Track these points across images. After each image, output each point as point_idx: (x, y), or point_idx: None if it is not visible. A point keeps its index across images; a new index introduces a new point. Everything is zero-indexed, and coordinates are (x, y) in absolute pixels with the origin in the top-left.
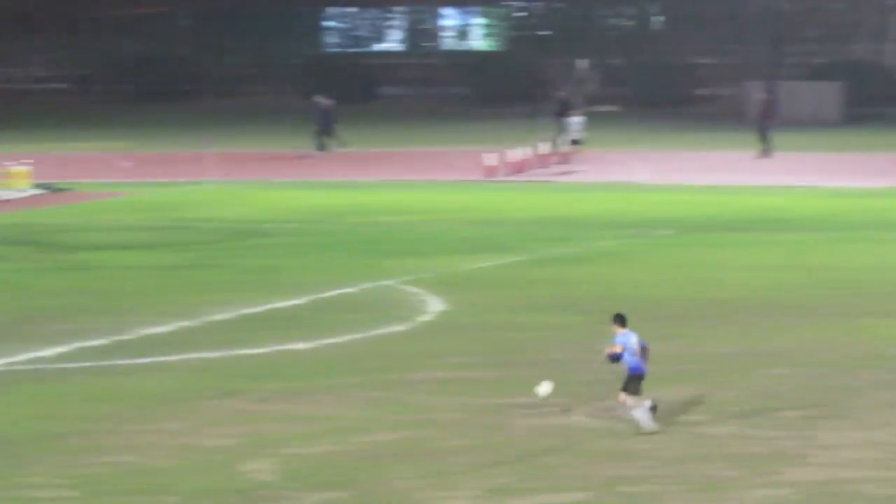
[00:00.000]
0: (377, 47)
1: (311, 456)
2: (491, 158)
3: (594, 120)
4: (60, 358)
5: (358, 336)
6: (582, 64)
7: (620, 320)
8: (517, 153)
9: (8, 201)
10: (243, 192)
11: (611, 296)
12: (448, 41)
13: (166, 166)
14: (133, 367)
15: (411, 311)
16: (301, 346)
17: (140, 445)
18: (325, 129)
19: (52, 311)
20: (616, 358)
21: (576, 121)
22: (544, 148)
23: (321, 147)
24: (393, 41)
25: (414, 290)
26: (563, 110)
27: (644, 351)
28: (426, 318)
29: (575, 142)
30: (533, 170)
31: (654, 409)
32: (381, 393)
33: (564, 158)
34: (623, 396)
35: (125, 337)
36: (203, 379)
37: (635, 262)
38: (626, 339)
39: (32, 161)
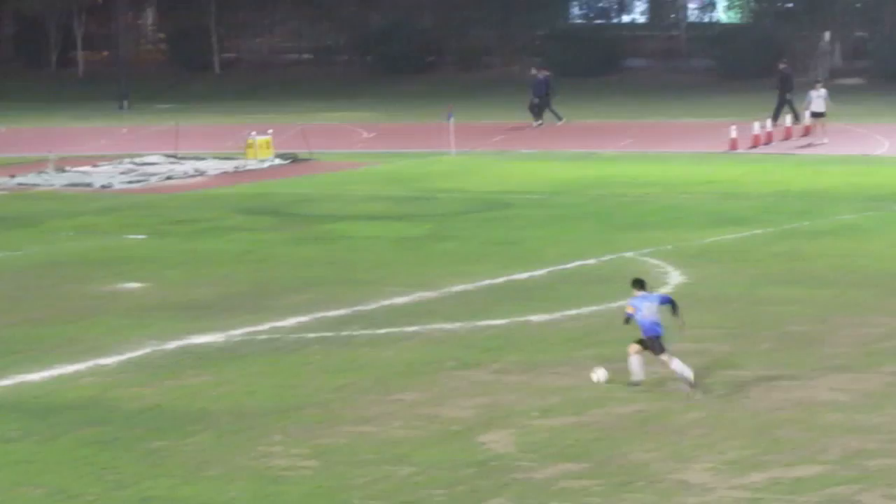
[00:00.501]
0: (621, 19)
1: (548, 428)
2: (734, 131)
3: (837, 93)
4: (299, 328)
5: (597, 308)
6: (824, 37)
7: (639, 284)
8: (760, 126)
9: (251, 171)
10: (485, 164)
11: (850, 269)
12: (692, 13)
13: (407, 138)
14: (372, 337)
15: (651, 283)
16: (540, 317)
17: (378, 416)
18: (543, 101)
19: (292, 281)
20: (627, 320)
21: (818, 94)
22: (787, 121)
23: (538, 119)
24: (637, 13)
25: (654, 262)
26: (785, 84)
27: (673, 307)
28: (666, 290)
29: (816, 114)
30: (776, 143)
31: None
32: (619, 365)
33: (807, 132)
34: (665, 357)
35: (364, 307)
36: (442, 350)
37: (875, 235)
38: (638, 303)
39: (274, 131)
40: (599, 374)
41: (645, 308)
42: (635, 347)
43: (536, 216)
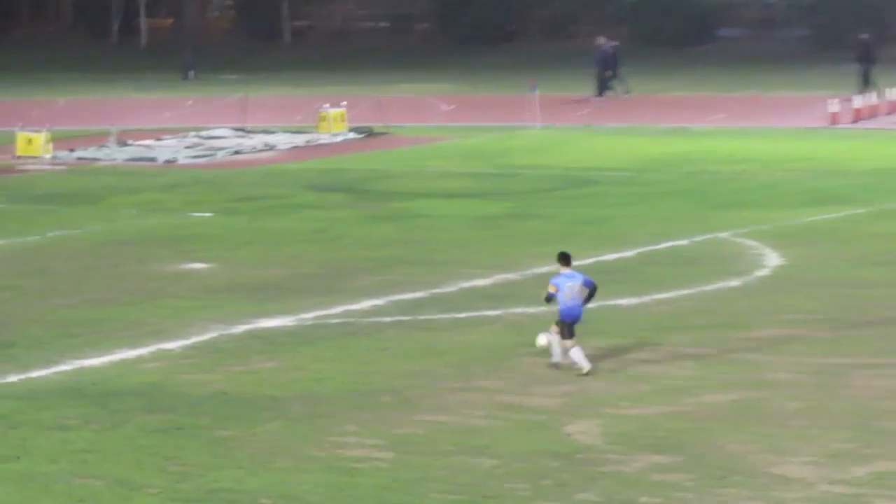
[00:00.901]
0: None
1: (638, 417)
2: (834, 105)
3: None
4: (374, 312)
5: (689, 291)
6: None
7: (564, 259)
8: (862, 100)
9: (323, 146)
10: (569, 138)
11: None
12: None
13: (489, 111)
14: (450, 321)
15: (747, 265)
16: (629, 301)
17: (456, 404)
18: (613, 72)
19: (366, 262)
20: (548, 299)
21: None
22: (892, 95)
23: (601, 91)
24: None
25: (750, 242)
26: (867, 54)
27: (591, 293)
28: (762, 272)
29: None
30: (879, 117)
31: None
32: (713, 352)
33: None
34: (569, 343)
35: (442, 290)
36: (525, 335)
37: None
38: (560, 281)
39: (348, 104)
40: (542, 340)
41: (567, 288)
42: (570, 342)
43: (625, 194)
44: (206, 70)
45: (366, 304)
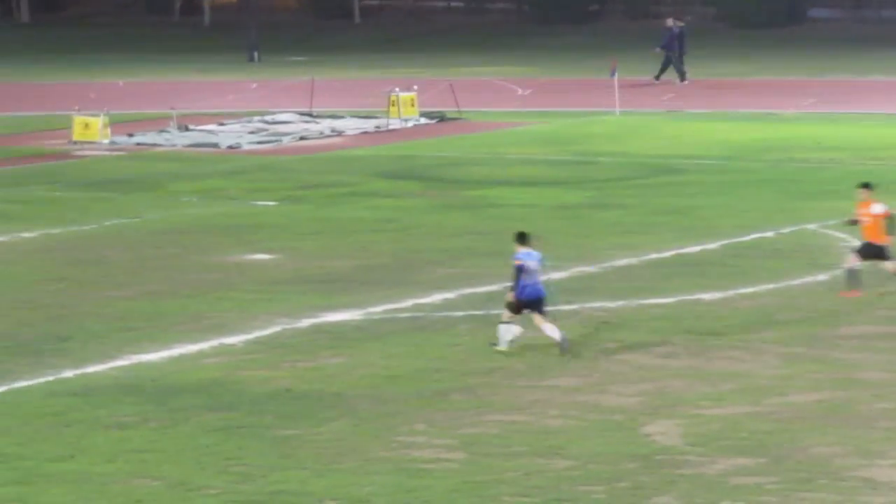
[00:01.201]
0: None
1: (720, 418)
2: None
3: None
4: (445, 305)
5: (775, 286)
6: None
7: (521, 239)
8: None
9: (393, 131)
10: (652, 125)
11: None
12: None
13: (567, 95)
14: (524, 316)
15: (836, 258)
16: (712, 295)
17: (530, 403)
18: (679, 53)
19: (437, 253)
20: (520, 269)
21: None
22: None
23: (682, 76)
24: None
25: (839, 235)
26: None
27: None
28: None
29: None
30: None
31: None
32: (800, 349)
33: None
34: (511, 319)
35: None
36: (602, 330)
37: None
38: (523, 257)
39: (419, 87)
40: (513, 331)
41: (528, 265)
42: (537, 318)
43: (709, 183)
44: (272, 51)
45: (437, 297)
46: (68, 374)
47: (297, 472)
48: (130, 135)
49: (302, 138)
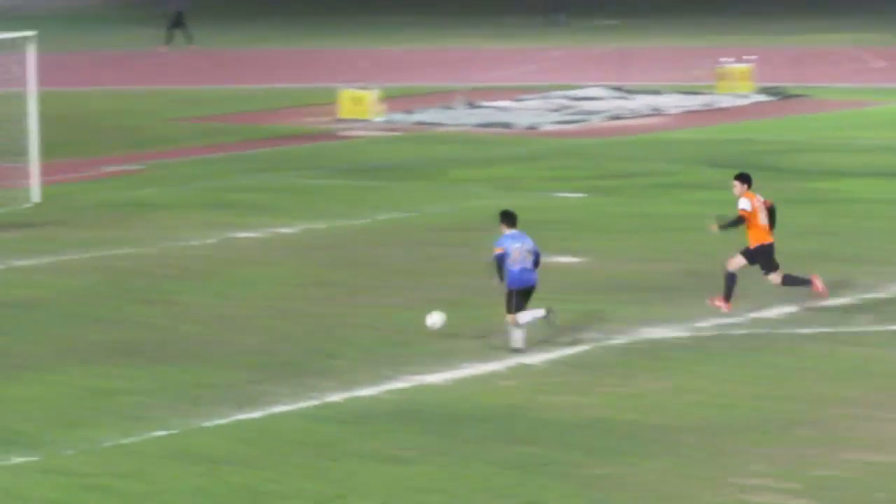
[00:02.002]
0: None
1: None
2: None
3: None
4: (788, 320)
5: None
6: None
7: (508, 219)
8: None
9: (723, 110)
10: None
11: None
12: None
13: None
14: (887, 335)
15: None
16: None
17: (892, 440)
18: None
19: (778, 256)
20: (501, 259)
21: None
22: None
23: None
24: None
25: None
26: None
27: (536, 260)
28: None
29: None
30: None
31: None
32: None
33: None
34: (511, 318)
35: (877, 295)
36: None
37: None
38: (506, 243)
39: (756, 58)
40: (435, 319)
41: (514, 251)
42: (518, 317)
43: None
44: (577, 13)
45: (777, 310)
46: (336, 397)
47: None
48: (409, 112)
49: (614, 117)
